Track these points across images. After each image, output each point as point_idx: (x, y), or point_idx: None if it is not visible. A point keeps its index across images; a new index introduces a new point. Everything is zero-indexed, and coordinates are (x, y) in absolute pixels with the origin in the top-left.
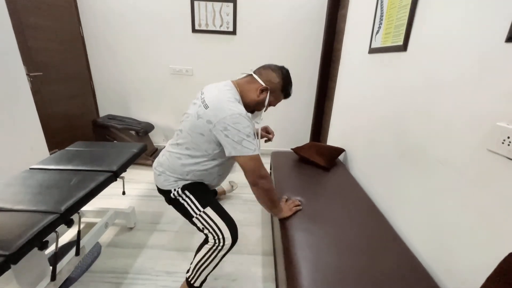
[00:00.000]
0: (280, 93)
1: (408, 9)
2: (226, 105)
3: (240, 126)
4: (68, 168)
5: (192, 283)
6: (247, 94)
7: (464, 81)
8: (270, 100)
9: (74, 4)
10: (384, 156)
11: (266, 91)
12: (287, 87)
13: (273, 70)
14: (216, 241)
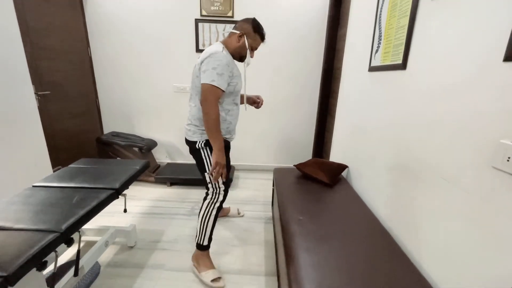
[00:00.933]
0: (254, 34)
1: (405, 29)
2: (209, 49)
3: (211, 60)
4: (71, 185)
5: (201, 244)
6: (230, 44)
7: (464, 99)
8: (250, 42)
9: (83, 26)
10: (387, 172)
11: (243, 35)
12: (258, 29)
13: (243, 21)
14: (214, 192)
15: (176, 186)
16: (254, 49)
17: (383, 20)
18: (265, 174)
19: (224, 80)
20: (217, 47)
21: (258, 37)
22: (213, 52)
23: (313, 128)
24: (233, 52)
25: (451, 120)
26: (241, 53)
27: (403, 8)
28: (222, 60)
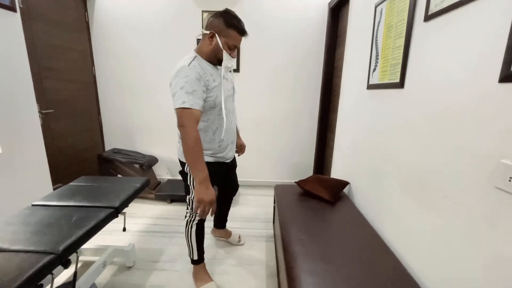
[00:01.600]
0: (227, 30)
1: (401, 50)
2: (178, 64)
3: (177, 79)
4: (70, 204)
5: (193, 259)
6: (203, 49)
7: (463, 117)
8: (224, 41)
9: (89, 47)
10: (389, 189)
11: (214, 35)
12: (230, 21)
13: (213, 17)
14: (191, 215)
15: (176, 203)
16: (233, 47)
17: (379, 40)
18: (265, 190)
19: (197, 97)
20: (185, 60)
21: (234, 31)
22: (178, 69)
23: (314, 144)
24: (208, 57)
25: (451, 139)
26: (217, 56)
27: (398, 30)
28: (190, 75)
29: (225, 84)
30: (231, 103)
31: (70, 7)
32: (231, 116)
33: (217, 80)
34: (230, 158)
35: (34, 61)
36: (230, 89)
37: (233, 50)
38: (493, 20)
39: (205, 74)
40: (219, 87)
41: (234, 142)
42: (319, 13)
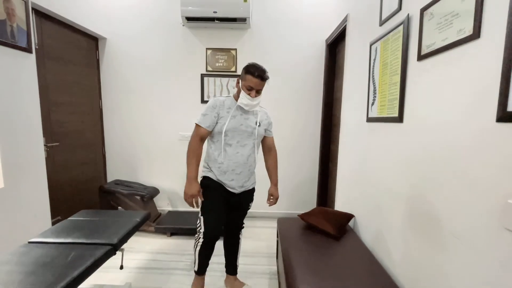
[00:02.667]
0: (245, 75)
1: (398, 86)
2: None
3: (205, 106)
4: (68, 241)
5: (194, 269)
6: (236, 92)
7: (464, 154)
8: (243, 84)
9: (98, 81)
10: (395, 224)
11: (239, 81)
12: (248, 69)
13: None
14: (197, 231)
15: (177, 237)
16: (249, 88)
17: (376, 76)
18: (268, 222)
19: (206, 119)
20: (219, 96)
21: (249, 75)
22: (212, 98)
23: (316, 174)
24: (236, 97)
25: (455, 177)
26: (239, 95)
27: (393, 67)
28: (209, 104)
29: (240, 119)
30: (244, 138)
31: (83, 47)
32: (239, 148)
33: (231, 114)
34: (233, 188)
35: (44, 96)
36: (248, 126)
37: (251, 91)
38: (484, 62)
39: (222, 106)
40: (227, 118)
41: (238, 174)
42: (317, 48)
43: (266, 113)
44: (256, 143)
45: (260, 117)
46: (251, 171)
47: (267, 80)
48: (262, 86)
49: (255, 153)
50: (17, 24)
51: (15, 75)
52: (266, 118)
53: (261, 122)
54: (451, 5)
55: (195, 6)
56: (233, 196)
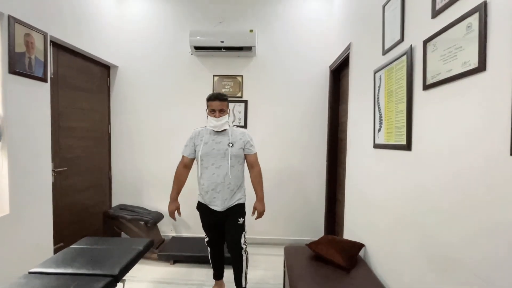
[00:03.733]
0: (207, 103)
1: (404, 114)
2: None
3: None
4: (68, 271)
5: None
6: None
7: (477, 189)
8: (207, 111)
9: (108, 107)
10: (410, 257)
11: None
12: (207, 98)
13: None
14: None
15: (180, 264)
16: (212, 111)
17: (381, 103)
18: (274, 249)
19: (186, 149)
20: (198, 128)
21: (209, 102)
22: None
23: (323, 199)
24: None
25: (469, 210)
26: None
27: (398, 95)
28: (189, 135)
29: (212, 144)
30: (218, 160)
31: (95, 75)
32: (215, 169)
33: (204, 141)
34: (216, 206)
35: (55, 122)
36: (220, 149)
37: (214, 112)
38: (492, 95)
39: (197, 136)
40: (200, 145)
41: (218, 192)
42: (321, 74)
43: (243, 132)
44: (232, 162)
45: (233, 138)
46: (231, 188)
47: (226, 100)
48: (222, 105)
49: (234, 171)
50: (35, 55)
51: (30, 103)
52: (241, 138)
53: (234, 143)
54: (454, 38)
55: (203, 36)
56: (219, 214)
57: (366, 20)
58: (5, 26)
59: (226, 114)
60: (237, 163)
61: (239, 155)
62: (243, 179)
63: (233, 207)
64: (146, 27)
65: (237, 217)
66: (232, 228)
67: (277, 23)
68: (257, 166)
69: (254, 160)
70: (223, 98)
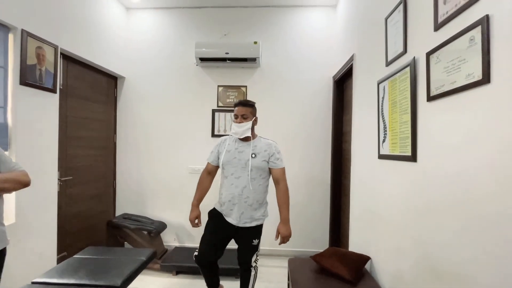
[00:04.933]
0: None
1: (409, 125)
2: None
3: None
4: (71, 282)
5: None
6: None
7: (488, 203)
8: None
9: (114, 117)
10: (418, 272)
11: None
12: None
13: None
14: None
15: (182, 275)
16: (235, 117)
17: (385, 113)
18: (278, 261)
19: (211, 156)
20: (225, 135)
21: (234, 108)
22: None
23: (328, 209)
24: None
25: (477, 223)
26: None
27: (403, 106)
28: (216, 143)
29: (234, 153)
30: (238, 170)
31: (103, 86)
32: (234, 179)
33: (227, 148)
34: (231, 219)
35: (63, 131)
36: (241, 158)
37: (237, 119)
38: (497, 108)
39: (223, 143)
40: (223, 153)
41: (234, 204)
42: (324, 84)
43: (269, 144)
44: (252, 175)
45: (258, 149)
46: (249, 203)
47: (250, 106)
48: (245, 111)
49: (254, 185)
50: (46, 67)
51: (39, 113)
52: (266, 149)
53: (257, 154)
54: (457, 51)
55: (208, 48)
56: (234, 229)
57: (369, 32)
58: (18, 39)
59: (249, 120)
60: (259, 177)
61: (262, 167)
62: (265, 195)
63: (249, 227)
64: (152, 39)
65: (251, 237)
66: (245, 248)
67: (281, 35)
68: (283, 182)
69: (280, 175)
70: (247, 103)
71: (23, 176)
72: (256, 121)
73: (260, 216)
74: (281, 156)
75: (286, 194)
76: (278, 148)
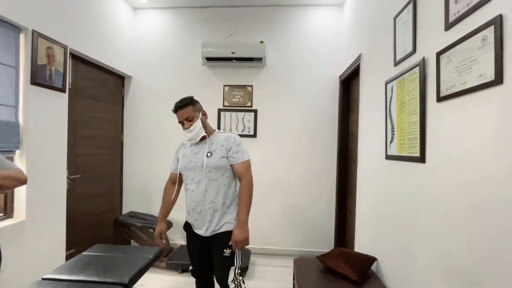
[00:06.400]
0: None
1: (417, 126)
2: None
3: None
4: (80, 278)
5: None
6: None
7: (492, 204)
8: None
9: (121, 117)
10: (425, 273)
11: None
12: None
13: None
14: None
15: (188, 274)
16: (181, 123)
17: (393, 114)
18: (283, 260)
19: (173, 164)
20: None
21: (175, 114)
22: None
23: (333, 209)
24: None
25: (486, 224)
26: None
27: (411, 107)
28: (176, 148)
29: (190, 156)
30: (197, 174)
31: (110, 85)
32: (194, 185)
33: (183, 153)
34: (199, 229)
35: (71, 131)
36: (197, 160)
37: (183, 125)
38: (509, 108)
39: (180, 149)
40: (180, 159)
41: (199, 213)
42: (330, 84)
43: (227, 137)
44: (211, 176)
45: (214, 146)
46: (213, 208)
47: (188, 105)
48: (187, 113)
49: (215, 187)
50: (56, 67)
51: (49, 112)
52: (223, 144)
53: (213, 151)
54: (469, 51)
55: (214, 48)
56: (204, 240)
57: (376, 31)
58: (29, 40)
59: (196, 120)
60: (221, 176)
61: (222, 166)
62: (234, 196)
63: (218, 234)
64: (159, 38)
65: (222, 247)
66: (217, 261)
67: (287, 34)
68: (245, 178)
69: (242, 170)
70: (184, 103)
71: (21, 174)
72: (205, 115)
73: (231, 220)
74: (241, 148)
75: (246, 192)
76: (238, 139)
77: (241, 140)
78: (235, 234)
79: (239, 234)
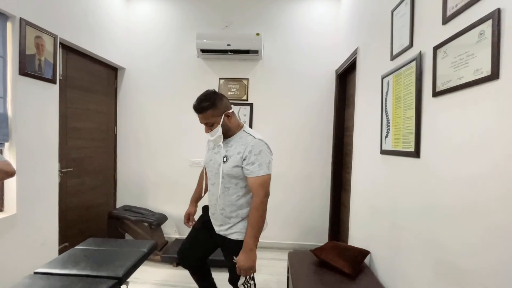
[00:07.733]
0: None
1: (413, 121)
2: None
3: None
4: (73, 272)
5: None
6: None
7: (486, 198)
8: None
9: (114, 109)
10: (417, 266)
11: None
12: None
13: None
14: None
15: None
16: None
17: (389, 109)
18: (278, 253)
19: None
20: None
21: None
22: None
23: (328, 203)
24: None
25: (479, 218)
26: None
27: (407, 102)
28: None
29: (211, 153)
30: (213, 175)
31: (103, 77)
32: (211, 186)
33: (208, 147)
34: (214, 223)
35: (63, 123)
36: (215, 161)
37: (205, 127)
38: (506, 104)
39: (209, 145)
40: (206, 152)
41: (213, 214)
42: (327, 78)
43: (246, 144)
44: (225, 183)
45: (232, 150)
46: (224, 215)
47: (208, 109)
48: (206, 119)
49: (227, 196)
50: (45, 57)
51: (39, 104)
52: (240, 151)
53: (229, 157)
54: (466, 45)
55: (210, 39)
56: (216, 235)
57: (373, 25)
58: (16, 28)
59: (216, 126)
60: (234, 186)
61: (235, 175)
62: (244, 208)
63: (228, 240)
64: (153, 29)
65: (231, 253)
66: (228, 263)
67: (283, 27)
68: (256, 195)
69: (254, 186)
70: (202, 109)
71: (8, 166)
72: (229, 117)
73: (238, 230)
74: (259, 159)
75: (255, 214)
76: (257, 148)
77: (263, 149)
78: (240, 260)
79: (244, 261)
